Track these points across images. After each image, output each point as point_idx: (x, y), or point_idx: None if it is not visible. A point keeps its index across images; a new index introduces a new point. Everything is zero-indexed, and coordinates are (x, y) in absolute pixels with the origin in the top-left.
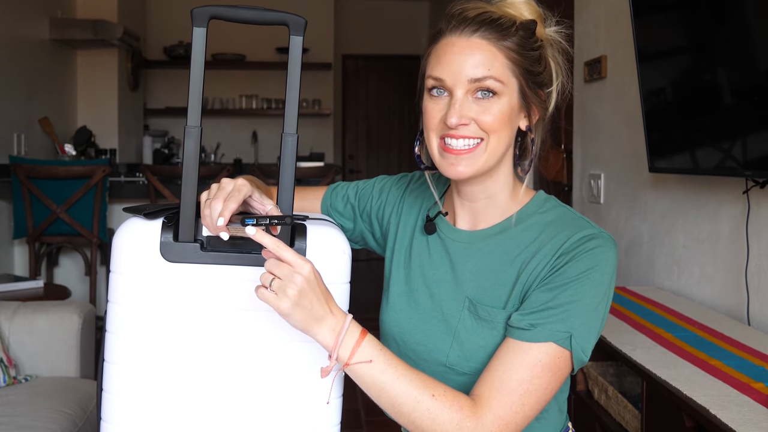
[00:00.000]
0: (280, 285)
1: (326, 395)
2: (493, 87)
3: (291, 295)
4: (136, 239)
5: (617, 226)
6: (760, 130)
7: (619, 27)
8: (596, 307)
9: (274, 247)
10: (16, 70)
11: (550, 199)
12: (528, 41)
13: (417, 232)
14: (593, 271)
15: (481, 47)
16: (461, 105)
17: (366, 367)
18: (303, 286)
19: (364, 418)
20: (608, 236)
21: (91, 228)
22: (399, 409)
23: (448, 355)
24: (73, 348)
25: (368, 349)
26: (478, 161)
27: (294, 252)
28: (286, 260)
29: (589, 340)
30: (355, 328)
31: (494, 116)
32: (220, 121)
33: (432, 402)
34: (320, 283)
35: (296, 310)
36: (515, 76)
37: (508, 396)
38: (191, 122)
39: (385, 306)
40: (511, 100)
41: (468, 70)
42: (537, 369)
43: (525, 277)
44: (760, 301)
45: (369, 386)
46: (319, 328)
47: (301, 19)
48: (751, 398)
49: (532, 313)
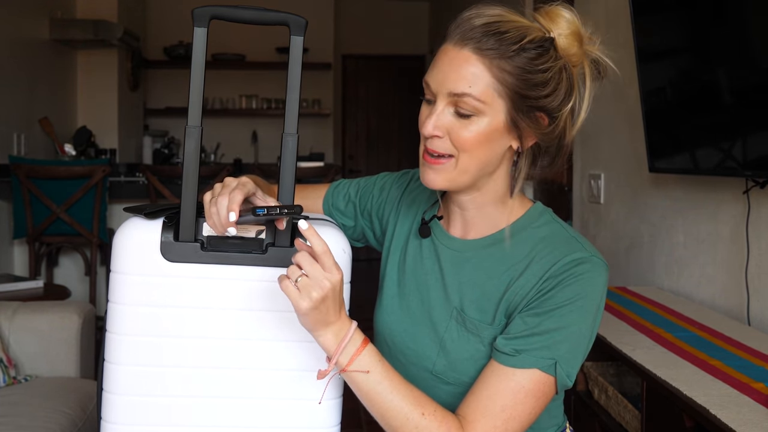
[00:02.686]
0: (306, 284)
1: (329, 389)
2: (471, 105)
3: (314, 297)
4: (136, 239)
5: (617, 226)
6: (760, 130)
7: (619, 27)
8: (583, 334)
9: (320, 248)
10: (16, 70)
11: (545, 213)
12: (533, 62)
13: (412, 234)
14: (581, 298)
15: (469, 61)
16: (438, 116)
17: (362, 376)
18: (327, 293)
19: (364, 418)
20: (599, 260)
21: (91, 228)
22: (389, 421)
23: (434, 364)
24: (73, 348)
25: (367, 358)
26: (448, 176)
27: (333, 259)
28: (323, 263)
29: (574, 365)
30: (358, 336)
31: (470, 134)
32: (220, 121)
33: (421, 420)
34: (341, 292)
35: (313, 312)
36: (503, 98)
37: (492, 421)
38: (192, 122)
39: (379, 306)
40: (494, 121)
41: (449, 83)
42: (521, 395)
43: (511, 295)
44: (760, 301)
45: (363, 395)
46: (324, 330)
47: (301, 19)
48: (751, 398)
49: (517, 338)
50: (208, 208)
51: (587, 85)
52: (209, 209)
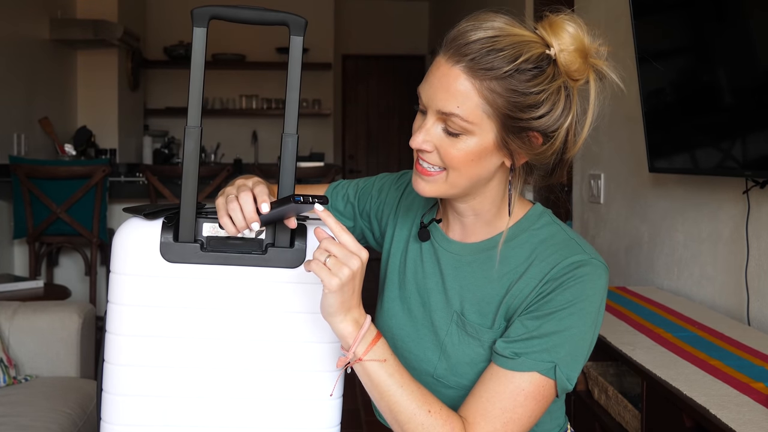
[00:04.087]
0: (336, 263)
1: (330, 389)
2: (459, 125)
3: (344, 275)
4: (136, 240)
5: (617, 226)
6: (760, 130)
7: (619, 27)
8: (583, 337)
9: (337, 229)
10: (16, 70)
11: (544, 215)
12: (526, 84)
13: (412, 237)
14: (581, 300)
15: (459, 80)
16: (427, 130)
17: (377, 365)
18: (356, 271)
19: (364, 418)
20: (599, 262)
21: (91, 228)
22: (395, 416)
23: (436, 367)
24: (73, 348)
25: (382, 349)
26: (440, 188)
27: (354, 238)
28: (345, 244)
29: (574, 368)
30: (373, 327)
31: (458, 152)
32: (220, 121)
33: (427, 417)
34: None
35: (341, 291)
36: (491, 119)
37: (491, 423)
38: (191, 122)
39: (380, 309)
40: (483, 141)
41: (438, 102)
42: (520, 398)
43: (511, 299)
44: (760, 301)
45: (374, 386)
46: (344, 316)
47: (301, 19)
48: (751, 398)
49: (516, 341)
50: (223, 207)
51: (591, 99)
52: (226, 208)
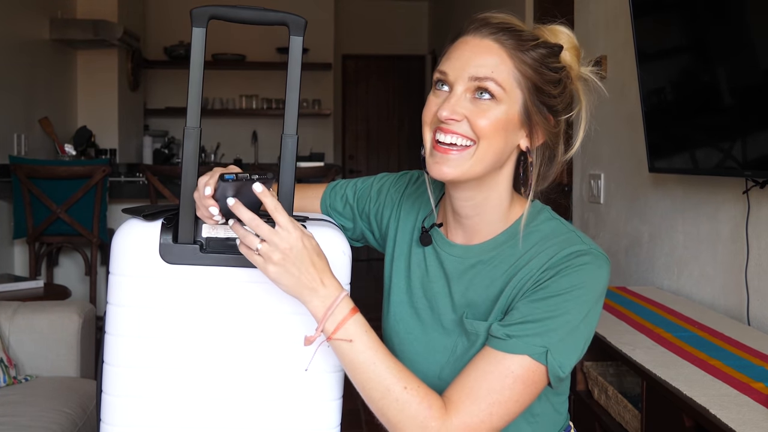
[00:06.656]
0: (266, 249)
1: (330, 390)
2: (492, 89)
3: (276, 260)
4: (135, 241)
5: (617, 226)
6: (760, 130)
7: (619, 27)
8: (578, 325)
9: (272, 207)
10: (16, 70)
11: (543, 211)
12: (546, 60)
13: (414, 241)
14: (579, 288)
15: (491, 49)
16: (457, 100)
17: (346, 345)
18: (287, 253)
19: (364, 418)
20: (600, 253)
21: (91, 228)
22: (369, 393)
23: (443, 368)
24: (73, 348)
25: (353, 328)
26: (464, 165)
27: (290, 218)
28: (278, 222)
29: (568, 356)
30: (346, 304)
31: (488, 120)
32: (220, 121)
33: (403, 393)
34: (312, 254)
35: (283, 276)
36: (521, 88)
37: (476, 404)
38: (190, 123)
39: (387, 314)
40: (510, 111)
41: (471, 68)
42: (508, 380)
43: (509, 291)
44: (760, 301)
45: (345, 364)
46: (309, 297)
47: (301, 19)
48: (751, 398)
49: (511, 324)
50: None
51: (582, 102)
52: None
